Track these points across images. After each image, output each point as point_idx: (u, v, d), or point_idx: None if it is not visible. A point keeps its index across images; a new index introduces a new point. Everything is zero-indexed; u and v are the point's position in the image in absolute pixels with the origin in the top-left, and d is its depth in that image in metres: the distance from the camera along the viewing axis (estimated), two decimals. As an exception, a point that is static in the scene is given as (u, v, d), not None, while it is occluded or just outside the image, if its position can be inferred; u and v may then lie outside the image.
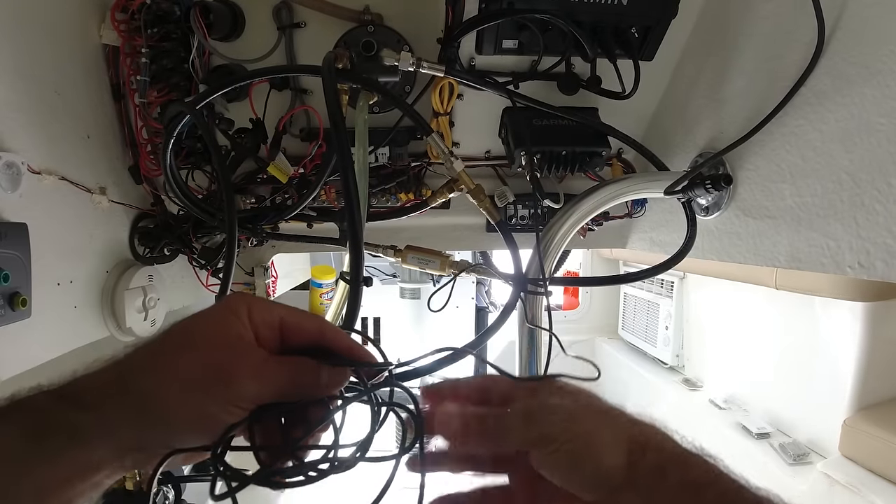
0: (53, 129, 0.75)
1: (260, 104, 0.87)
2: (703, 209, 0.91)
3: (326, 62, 0.67)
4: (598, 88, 0.87)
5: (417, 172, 1.00)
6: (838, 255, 0.67)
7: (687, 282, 2.63)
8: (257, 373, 0.36)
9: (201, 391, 0.35)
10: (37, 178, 0.71)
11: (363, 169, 0.69)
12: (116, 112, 0.88)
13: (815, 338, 1.84)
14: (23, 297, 0.65)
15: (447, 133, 0.93)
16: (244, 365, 0.36)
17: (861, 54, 0.63)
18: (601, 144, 0.90)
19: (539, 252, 0.80)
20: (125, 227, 0.93)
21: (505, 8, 0.76)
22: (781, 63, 0.74)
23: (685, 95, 0.94)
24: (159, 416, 0.35)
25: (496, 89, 0.84)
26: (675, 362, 2.70)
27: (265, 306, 0.39)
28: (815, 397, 1.85)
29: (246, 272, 1.12)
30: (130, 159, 0.91)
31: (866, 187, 0.63)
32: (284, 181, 0.89)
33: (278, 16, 0.82)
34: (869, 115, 0.62)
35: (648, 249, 1.12)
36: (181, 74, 0.84)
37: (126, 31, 0.80)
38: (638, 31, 0.81)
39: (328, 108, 0.60)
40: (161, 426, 0.35)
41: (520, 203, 1.05)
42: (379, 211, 0.99)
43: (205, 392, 0.35)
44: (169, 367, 0.36)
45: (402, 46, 0.82)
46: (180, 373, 0.35)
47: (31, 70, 0.71)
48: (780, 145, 0.75)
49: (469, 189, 0.83)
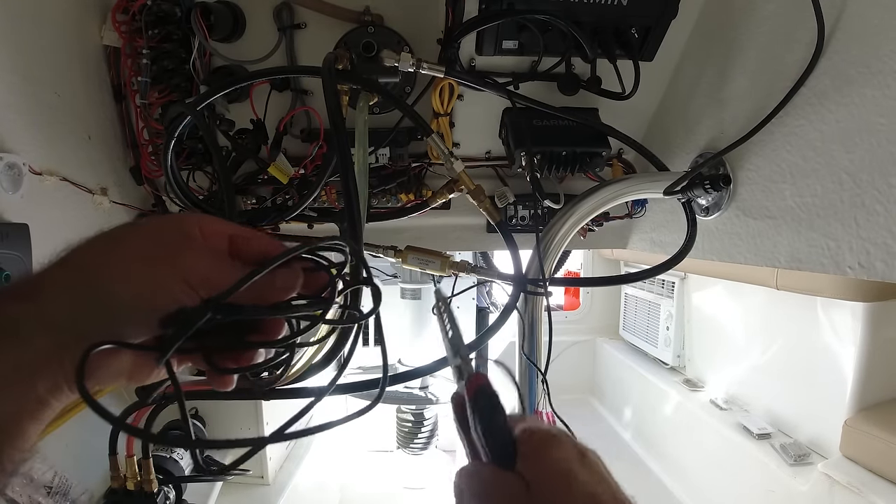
0: (55, 130, 0.75)
1: (261, 105, 0.87)
2: (703, 209, 0.91)
3: (327, 63, 0.67)
4: (598, 89, 0.87)
5: (418, 173, 1.00)
6: (838, 256, 0.67)
7: (688, 282, 2.63)
8: (210, 255, 0.35)
9: (149, 263, 0.33)
10: (38, 178, 0.71)
11: (363, 169, 0.69)
12: (118, 113, 0.88)
13: (816, 338, 1.84)
14: (24, 298, 0.65)
15: (447, 134, 0.93)
16: (196, 246, 0.35)
17: (861, 54, 0.63)
18: (601, 145, 0.91)
19: (539, 252, 0.80)
20: (126, 227, 0.93)
21: (505, 9, 0.76)
22: (782, 63, 0.74)
23: (685, 95, 0.94)
24: (102, 289, 0.32)
25: (496, 90, 0.84)
26: (676, 363, 2.70)
27: (215, 220, 0.38)
28: (816, 398, 1.85)
29: (247, 273, 1.13)
30: (132, 160, 0.91)
31: (866, 187, 0.63)
32: (285, 182, 0.89)
33: (279, 17, 0.83)
34: (869, 115, 0.62)
35: (649, 250, 1.12)
36: (182, 75, 0.84)
37: (127, 33, 0.80)
38: (638, 31, 0.82)
39: (328, 108, 0.60)
40: (105, 303, 0.32)
41: (520, 203, 1.05)
42: (379, 211, 0.99)
43: (152, 264, 0.33)
44: (115, 243, 0.34)
45: (402, 47, 0.83)
46: (128, 247, 0.33)
47: (33, 71, 0.71)
48: (781, 145, 0.75)
49: (469, 189, 0.83)
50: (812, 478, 1.69)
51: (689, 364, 2.68)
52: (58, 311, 0.31)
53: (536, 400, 1.31)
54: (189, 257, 0.34)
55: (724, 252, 0.89)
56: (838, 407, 1.71)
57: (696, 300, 2.59)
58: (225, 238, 0.38)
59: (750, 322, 2.22)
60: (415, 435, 2.60)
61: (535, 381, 1.33)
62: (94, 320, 0.32)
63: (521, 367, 1.35)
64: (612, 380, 3.11)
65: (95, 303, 0.32)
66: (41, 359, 0.31)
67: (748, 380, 2.24)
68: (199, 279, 0.34)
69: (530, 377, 1.34)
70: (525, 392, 1.33)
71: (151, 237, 0.35)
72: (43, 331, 0.31)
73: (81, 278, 0.32)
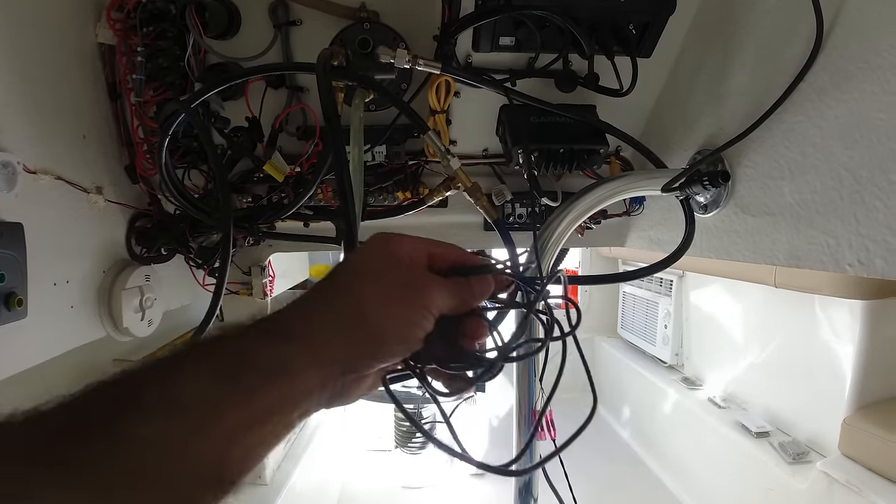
0: (49, 128, 0.75)
1: (256, 102, 0.86)
2: (701, 207, 0.91)
3: (322, 60, 0.66)
4: (595, 85, 0.87)
5: (414, 171, 0.99)
6: (838, 253, 0.67)
7: (686, 280, 2.63)
8: (438, 284, 0.42)
9: (402, 303, 0.40)
10: (33, 177, 0.70)
11: (359, 167, 0.69)
12: (112, 111, 0.88)
13: (815, 336, 1.84)
14: (19, 298, 0.65)
15: (444, 131, 0.92)
16: (427, 279, 0.42)
17: (860, 49, 0.63)
18: (599, 142, 0.90)
19: (536, 250, 0.80)
20: (122, 226, 0.92)
21: (502, 4, 0.76)
22: (781, 59, 0.74)
23: (684, 92, 0.94)
24: (370, 331, 0.38)
25: (493, 87, 0.84)
26: (674, 361, 2.70)
27: (414, 243, 0.44)
28: (815, 396, 1.86)
29: (243, 271, 1.12)
30: (127, 158, 0.91)
31: (866, 184, 0.63)
32: (281, 180, 0.88)
33: (274, 13, 0.82)
34: (869, 110, 0.62)
35: (647, 247, 1.12)
36: (177, 73, 0.84)
37: (122, 30, 0.80)
38: (635, 27, 0.81)
39: (323, 105, 0.59)
40: (370, 342, 0.38)
41: (517, 201, 1.05)
42: (376, 209, 0.99)
43: (404, 303, 0.40)
44: (372, 287, 0.40)
45: (398, 44, 0.82)
46: (383, 290, 0.40)
47: (27, 69, 0.70)
48: (780, 142, 0.75)
49: (466, 187, 0.83)
50: (811, 476, 1.69)
51: (687, 362, 2.69)
52: (331, 352, 0.37)
53: (534, 399, 1.31)
54: (431, 294, 0.41)
55: (723, 250, 0.89)
56: (837, 405, 1.71)
57: (695, 298, 2.59)
58: (426, 256, 0.44)
59: (748, 320, 2.22)
60: (413, 434, 2.60)
61: (534, 380, 1.33)
62: (364, 357, 0.39)
63: (519, 367, 1.35)
64: (610, 378, 3.11)
65: (367, 345, 0.38)
66: (304, 391, 0.35)
67: (747, 378, 2.24)
68: (437, 308, 0.42)
69: (529, 376, 1.33)
70: (524, 391, 1.33)
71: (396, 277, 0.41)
72: (313, 368, 0.36)
73: (355, 324, 0.38)
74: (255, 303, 1.14)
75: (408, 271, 0.42)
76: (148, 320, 0.94)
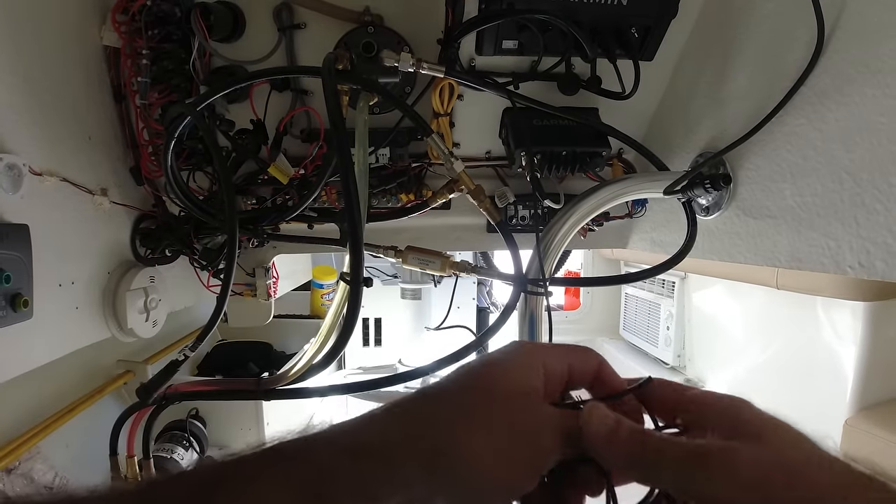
0: (55, 130, 0.75)
1: (261, 105, 0.87)
2: (703, 209, 0.91)
3: (326, 63, 0.67)
4: (598, 89, 0.87)
5: (418, 173, 1.00)
6: (838, 255, 0.67)
7: (688, 282, 2.63)
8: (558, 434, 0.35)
9: (511, 459, 0.33)
10: (38, 179, 0.71)
11: (363, 170, 0.69)
12: (118, 114, 0.88)
13: (817, 338, 1.84)
14: (24, 299, 0.65)
15: (447, 134, 0.93)
16: (548, 427, 0.35)
17: (861, 53, 0.63)
18: (601, 145, 0.91)
19: (539, 252, 0.80)
20: (126, 228, 0.93)
21: (505, 8, 0.76)
22: (782, 62, 0.74)
23: (686, 95, 0.94)
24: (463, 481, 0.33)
25: (496, 90, 0.84)
26: (676, 362, 2.70)
27: (558, 357, 0.38)
28: (817, 397, 1.85)
29: (247, 273, 1.13)
30: (132, 161, 0.91)
31: (867, 186, 0.63)
32: (285, 182, 0.89)
33: (279, 17, 0.83)
34: (869, 113, 0.62)
35: (649, 250, 1.12)
36: (182, 76, 0.84)
37: (127, 33, 0.80)
38: (638, 30, 0.82)
39: (328, 109, 0.60)
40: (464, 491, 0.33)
41: (520, 203, 1.05)
42: (379, 211, 0.99)
43: (514, 460, 0.33)
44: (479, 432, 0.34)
45: (402, 47, 0.83)
46: (492, 440, 0.33)
47: (32, 72, 0.71)
48: (781, 145, 0.75)
49: (469, 189, 0.83)
50: (812, 477, 1.68)
51: (689, 364, 2.69)
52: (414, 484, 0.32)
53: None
54: (545, 446, 0.34)
55: (725, 252, 0.89)
56: (838, 406, 1.71)
57: (697, 300, 2.59)
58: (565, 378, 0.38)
59: (750, 322, 2.22)
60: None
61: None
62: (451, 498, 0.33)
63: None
64: (612, 380, 3.11)
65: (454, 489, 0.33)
66: None
67: (748, 379, 2.24)
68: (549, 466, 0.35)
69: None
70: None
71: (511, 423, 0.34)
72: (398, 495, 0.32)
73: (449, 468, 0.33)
74: (260, 304, 1.15)
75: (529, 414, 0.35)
76: (152, 321, 0.94)
